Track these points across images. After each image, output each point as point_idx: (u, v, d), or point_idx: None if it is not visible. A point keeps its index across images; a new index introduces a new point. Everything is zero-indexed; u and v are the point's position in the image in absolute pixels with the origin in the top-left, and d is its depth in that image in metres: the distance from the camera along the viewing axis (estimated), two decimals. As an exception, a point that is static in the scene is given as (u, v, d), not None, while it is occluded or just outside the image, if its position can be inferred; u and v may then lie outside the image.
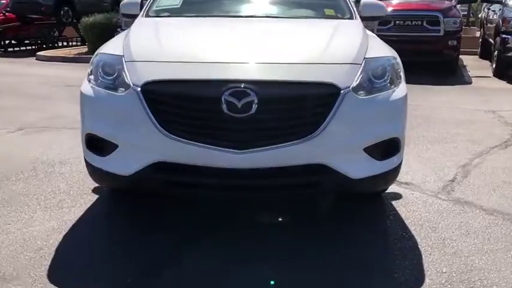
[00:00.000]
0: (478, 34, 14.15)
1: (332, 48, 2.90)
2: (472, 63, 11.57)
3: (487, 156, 4.67)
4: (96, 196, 3.58)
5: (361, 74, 2.73)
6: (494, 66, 9.96)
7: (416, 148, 4.87)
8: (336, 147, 2.63)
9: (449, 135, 5.41)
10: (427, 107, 6.74)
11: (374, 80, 2.79)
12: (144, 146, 2.64)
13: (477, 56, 12.78)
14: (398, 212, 3.37)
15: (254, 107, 2.49)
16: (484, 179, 4.05)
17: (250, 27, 3.40)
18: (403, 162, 3.04)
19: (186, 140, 2.55)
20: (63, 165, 4.22)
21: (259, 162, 2.56)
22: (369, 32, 3.54)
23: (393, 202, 3.53)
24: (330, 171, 2.64)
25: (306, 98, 2.59)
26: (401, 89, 2.89)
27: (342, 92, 2.60)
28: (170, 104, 2.59)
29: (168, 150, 2.60)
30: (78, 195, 3.60)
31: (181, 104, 2.58)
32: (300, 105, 2.59)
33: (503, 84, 9.08)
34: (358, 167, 2.71)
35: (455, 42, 9.56)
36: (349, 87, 2.63)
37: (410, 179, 3.98)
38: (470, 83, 9.23)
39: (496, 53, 9.85)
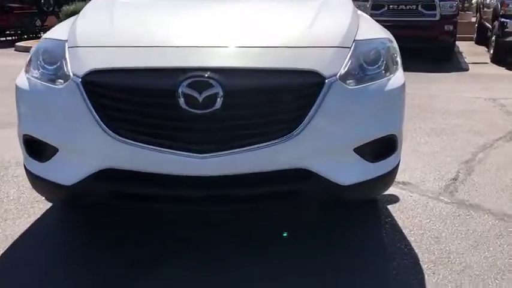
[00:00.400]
0: (473, 19, 13.73)
1: (315, 29, 2.42)
2: (467, 49, 11.17)
3: (490, 150, 4.24)
4: (50, 204, 3.11)
5: (350, 59, 2.27)
6: (491, 52, 9.58)
7: (413, 141, 4.44)
8: (321, 148, 2.18)
9: (448, 127, 4.98)
10: (423, 96, 6.31)
11: (366, 66, 2.33)
12: (88, 150, 2.17)
13: (473, 42, 12.40)
14: (395, 218, 2.93)
15: (219, 101, 2.02)
16: (490, 176, 3.62)
17: (220, 6, 2.89)
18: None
19: (137, 143, 2.09)
20: (19, 167, 3.73)
21: (227, 168, 2.10)
22: (360, 12, 3.07)
23: (389, 207, 3.09)
24: (313, 177, 2.19)
25: (284, 89, 2.13)
26: (398, 77, 2.43)
27: (327, 81, 2.14)
28: (117, 98, 2.12)
29: (116, 155, 2.13)
30: (28, 203, 3.13)
31: (130, 98, 2.10)
32: (276, 98, 2.12)
33: (501, 70, 8.68)
34: (348, 171, 2.26)
35: (451, 27, 9.13)
36: (335, 75, 2.17)
37: (407, 178, 3.55)
38: (467, 69, 8.82)
39: (493, 38, 9.46)
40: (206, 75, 2.02)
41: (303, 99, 2.14)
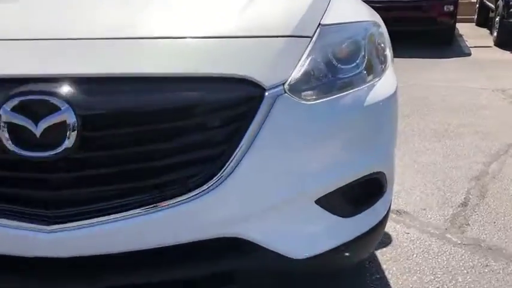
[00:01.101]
0: (473, -1, 12.84)
1: (253, 10, 1.52)
2: (468, 32, 10.27)
3: (506, 159, 3.42)
4: None
5: (310, 54, 1.41)
6: (495, 34, 8.73)
7: (409, 149, 3.60)
8: (261, 203, 1.33)
9: (451, 127, 4.14)
10: (420, 87, 5.46)
11: (337, 64, 1.47)
12: None
13: (473, 24, 11.51)
14: (387, 274, 2.10)
15: (72, 134, 1.17)
16: (511, 199, 2.79)
17: None
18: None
19: None
20: None
21: (96, 245, 1.25)
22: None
23: (378, 252, 2.26)
24: (251, 250, 1.35)
25: (194, 111, 1.26)
26: (388, 81, 1.58)
27: (267, 93, 1.29)
28: None
29: None
30: None
31: None
32: (182, 126, 1.26)
33: (507, 55, 7.83)
34: (307, 235, 1.42)
35: (451, 8, 8.26)
36: (283, 83, 1.32)
37: (403, 205, 2.72)
38: (469, 54, 7.96)
39: (497, 19, 8.59)
40: (46, 90, 1.16)
41: (229, 126, 1.28)
